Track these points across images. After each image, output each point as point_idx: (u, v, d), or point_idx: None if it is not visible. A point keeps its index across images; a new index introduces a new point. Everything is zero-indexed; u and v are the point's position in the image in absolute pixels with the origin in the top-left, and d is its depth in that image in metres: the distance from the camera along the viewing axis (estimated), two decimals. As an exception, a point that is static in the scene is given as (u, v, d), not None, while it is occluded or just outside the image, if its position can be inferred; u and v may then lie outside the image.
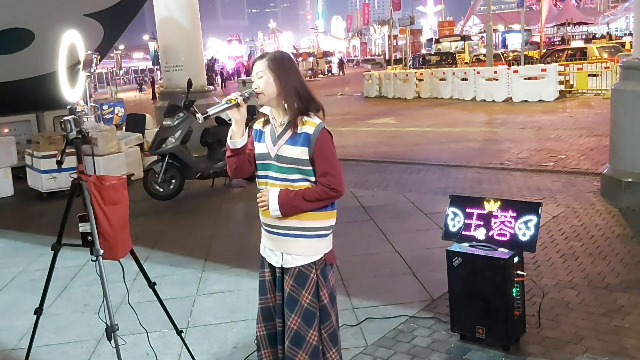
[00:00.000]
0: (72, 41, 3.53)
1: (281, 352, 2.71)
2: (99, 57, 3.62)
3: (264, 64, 2.57)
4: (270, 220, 2.65)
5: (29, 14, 8.64)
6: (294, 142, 2.55)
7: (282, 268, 2.67)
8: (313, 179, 2.56)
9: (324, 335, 2.68)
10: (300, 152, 2.54)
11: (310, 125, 2.55)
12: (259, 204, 2.64)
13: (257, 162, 2.68)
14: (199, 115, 2.58)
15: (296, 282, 2.63)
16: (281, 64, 2.58)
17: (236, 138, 2.63)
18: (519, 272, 3.48)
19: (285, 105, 2.57)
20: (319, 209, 2.59)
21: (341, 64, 57.16)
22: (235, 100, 2.58)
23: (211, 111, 2.57)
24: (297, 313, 2.62)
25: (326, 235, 2.67)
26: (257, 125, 2.73)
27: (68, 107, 3.34)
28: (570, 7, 47.34)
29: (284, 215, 2.57)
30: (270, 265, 2.73)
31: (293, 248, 2.63)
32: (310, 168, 2.55)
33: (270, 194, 2.58)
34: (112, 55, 38.84)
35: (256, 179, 2.72)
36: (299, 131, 2.55)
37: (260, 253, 2.79)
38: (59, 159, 3.27)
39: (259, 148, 2.67)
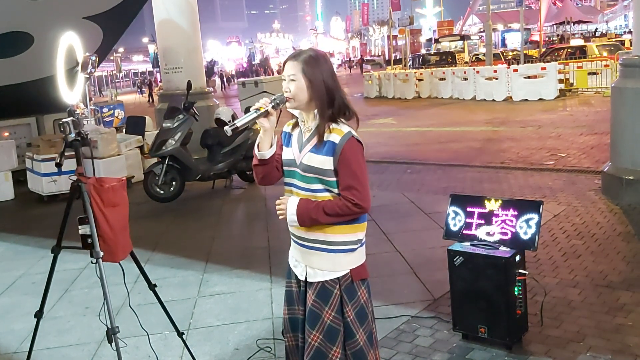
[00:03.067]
0: (70, 43, 3.53)
1: None
2: (97, 58, 3.62)
3: (297, 67, 2.37)
4: (295, 230, 2.50)
5: (28, 18, 8.64)
6: (318, 150, 2.38)
7: (305, 281, 2.52)
8: (336, 190, 2.39)
9: (348, 353, 2.48)
10: (324, 162, 2.37)
11: (336, 133, 2.37)
12: (277, 211, 2.48)
13: (284, 168, 2.51)
14: (226, 128, 2.40)
15: (318, 298, 2.46)
16: (316, 69, 2.37)
17: (264, 149, 2.45)
18: (520, 270, 3.47)
19: (316, 111, 2.40)
20: (344, 222, 2.43)
21: (362, 61, 57.01)
22: (264, 108, 2.39)
23: (239, 122, 2.39)
24: (319, 329, 2.46)
25: (353, 250, 2.51)
26: (287, 127, 2.57)
27: (67, 109, 3.33)
28: (569, 5, 47.37)
29: (302, 225, 2.42)
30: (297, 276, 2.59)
31: (316, 262, 2.47)
32: (334, 179, 2.38)
33: (289, 201, 2.43)
34: (111, 58, 38.88)
35: (284, 186, 2.55)
36: (325, 139, 2.38)
37: (288, 262, 2.64)
38: (58, 161, 3.27)
39: (286, 153, 2.50)
